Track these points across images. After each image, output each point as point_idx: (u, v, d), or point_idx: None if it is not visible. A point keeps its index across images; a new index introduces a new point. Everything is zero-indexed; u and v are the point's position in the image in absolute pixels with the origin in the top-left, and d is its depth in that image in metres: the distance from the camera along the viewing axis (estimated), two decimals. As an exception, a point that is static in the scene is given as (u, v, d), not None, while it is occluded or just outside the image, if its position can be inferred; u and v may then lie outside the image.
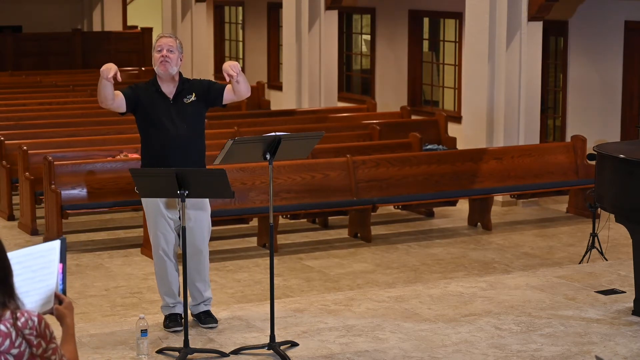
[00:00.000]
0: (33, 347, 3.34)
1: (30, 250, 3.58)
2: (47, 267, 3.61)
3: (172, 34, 7.39)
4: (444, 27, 16.92)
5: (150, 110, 7.07)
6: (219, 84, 7.24)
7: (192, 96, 7.13)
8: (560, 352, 6.68)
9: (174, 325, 7.14)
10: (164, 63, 7.06)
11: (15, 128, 13.45)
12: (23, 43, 22.86)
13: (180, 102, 7.11)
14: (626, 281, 8.26)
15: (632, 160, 7.17)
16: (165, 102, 7.10)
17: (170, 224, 7.14)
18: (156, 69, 7.12)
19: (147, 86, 7.18)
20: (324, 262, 9.92)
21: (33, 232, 10.98)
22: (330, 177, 10.80)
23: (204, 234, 7.19)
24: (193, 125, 7.13)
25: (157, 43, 7.15)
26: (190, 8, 19.95)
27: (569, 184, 11.89)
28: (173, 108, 7.09)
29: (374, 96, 17.80)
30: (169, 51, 7.07)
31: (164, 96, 7.11)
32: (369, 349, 6.76)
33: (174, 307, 7.22)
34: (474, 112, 12.68)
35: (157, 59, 7.08)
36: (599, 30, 14.03)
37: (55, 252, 3.63)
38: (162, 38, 7.18)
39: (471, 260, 10.00)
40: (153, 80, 7.19)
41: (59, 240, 3.66)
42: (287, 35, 16.04)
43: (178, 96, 7.11)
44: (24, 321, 3.34)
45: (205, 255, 7.23)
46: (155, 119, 7.06)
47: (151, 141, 7.13)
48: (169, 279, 7.20)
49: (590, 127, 14.04)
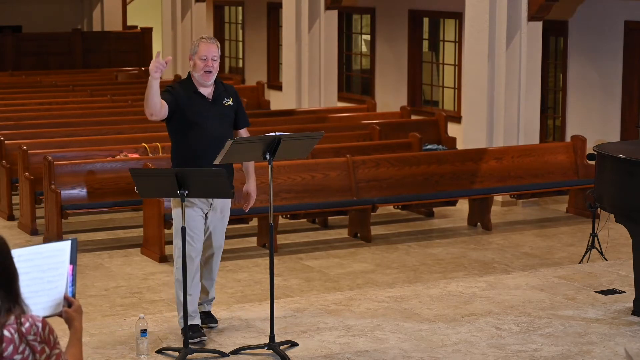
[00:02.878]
0: (36, 353, 3.33)
1: (40, 249, 3.55)
2: (57, 269, 3.58)
3: (213, 39, 7.07)
4: (443, 27, 16.92)
5: (189, 112, 6.91)
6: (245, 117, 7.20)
7: (229, 100, 7.07)
8: (560, 352, 6.68)
9: (199, 335, 6.84)
10: (209, 74, 6.93)
11: (15, 128, 13.45)
12: (23, 43, 22.85)
13: (219, 104, 7.02)
14: (626, 281, 8.26)
15: (632, 160, 7.17)
16: (204, 104, 6.97)
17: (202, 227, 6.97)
18: (197, 75, 6.94)
19: (183, 87, 6.97)
20: (324, 262, 9.92)
21: (33, 232, 10.98)
22: (330, 177, 10.80)
23: (224, 233, 7.18)
24: (228, 126, 7.07)
25: (200, 50, 6.92)
26: (190, 8, 19.95)
27: (569, 184, 11.89)
28: (212, 109, 6.98)
29: (374, 96, 17.80)
30: (213, 60, 6.93)
31: (203, 97, 6.98)
32: (368, 349, 6.76)
33: (194, 318, 6.92)
34: (474, 112, 12.67)
35: (201, 67, 6.90)
36: (599, 30, 14.02)
37: (65, 253, 3.60)
38: (206, 44, 6.95)
39: (471, 260, 10.00)
40: (188, 82, 7.02)
41: (69, 241, 3.63)
42: (287, 35, 16.04)
43: (218, 98, 7.02)
44: (28, 326, 3.32)
45: (220, 254, 7.22)
46: (194, 121, 6.90)
47: (188, 142, 6.95)
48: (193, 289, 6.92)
49: (590, 127, 14.04)
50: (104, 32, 24.23)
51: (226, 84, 7.21)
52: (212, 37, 7.10)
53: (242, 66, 21.95)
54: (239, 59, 22.23)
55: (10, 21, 24.40)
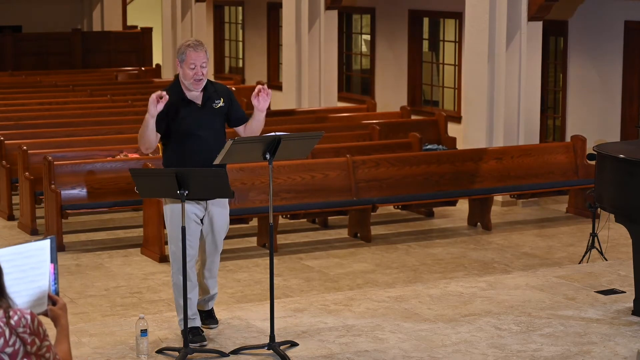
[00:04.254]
0: (27, 345, 3.34)
1: (19, 249, 3.53)
2: (38, 268, 3.57)
3: (201, 44, 6.89)
4: (443, 27, 16.93)
5: (178, 121, 6.83)
6: (241, 111, 7.07)
7: (220, 101, 6.95)
8: (560, 352, 6.68)
9: (200, 339, 6.81)
10: (199, 82, 6.83)
11: (15, 128, 13.45)
12: (23, 43, 22.85)
13: (209, 107, 6.91)
14: (626, 281, 8.26)
15: (632, 160, 7.17)
16: (193, 109, 6.88)
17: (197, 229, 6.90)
18: (187, 83, 6.84)
19: (172, 94, 6.83)
20: (324, 262, 9.92)
21: (33, 232, 10.98)
22: (330, 177, 10.80)
23: (224, 230, 7.08)
24: (219, 129, 6.97)
25: (188, 57, 6.78)
26: (190, 8, 19.95)
27: (569, 184, 11.89)
28: (202, 113, 6.89)
29: (374, 96, 17.79)
30: (202, 67, 6.82)
31: (191, 103, 6.89)
32: (368, 349, 6.76)
33: (194, 320, 6.91)
34: (474, 112, 12.67)
35: (191, 76, 6.80)
36: (599, 30, 14.02)
37: (45, 251, 3.59)
38: (194, 52, 6.80)
39: (471, 260, 10.00)
40: (176, 87, 6.93)
41: (48, 239, 3.62)
42: (287, 35, 16.04)
43: (207, 102, 6.91)
44: (17, 319, 3.33)
45: (219, 253, 7.19)
46: (182, 126, 6.83)
47: (177, 146, 6.89)
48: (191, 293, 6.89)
49: (590, 127, 14.04)
50: (104, 32, 24.23)
51: (217, 84, 7.09)
52: (199, 42, 6.90)
53: (242, 66, 21.95)
54: (239, 59, 22.23)
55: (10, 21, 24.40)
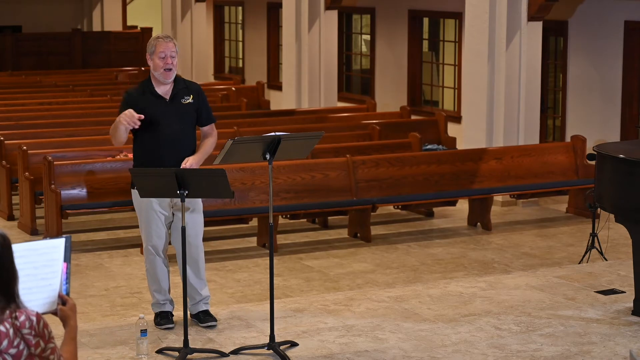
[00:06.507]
0: (31, 346, 3.33)
1: (33, 246, 3.53)
2: (51, 266, 3.57)
3: (170, 37, 7.21)
4: (443, 27, 16.93)
5: (145, 114, 7.00)
6: (209, 114, 7.27)
7: (189, 98, 7.16)
8: (560, 352, 6.68)
9: (166, 322, 7.18)
10: (169, 72, 7.04)
11: (15, 128, 13.45)
12: (23, 43, 22.86)
13: (177, 102, 7.12)
14: (626, 281, 8.26)
15: (632, 160, 7.17)
16: (161, 103, 7.09)
17: (161, 219, 7.15)
18: (157, 74, 7.07)
19: (139, 91, 7.14)
20: (324, 262, 9.92)
21: (33, 232, 10.98)
22: (330, 177, 10.80)
23: (197, 230, 7.22)
24: (188, 125, 7.17)
25: (157, 48, 7.04)
26: (190, 8, 19.95)
27: (568, 184, 11.89)
28: (169, 108, 7.09)
29: (374, 96, 17.80)
30: (172, 57, 7.05)
31: (160, 97, 7.10)
32: (368, 349, 6.76)
33: (164, 305, 7.26)
34: (474, 112, 12.67)
35: (160, 66, 7.02)
36: (599, 30, 14.03)
37: (59, 250, 3.59)
38: (162, 43, 7.07)
39: (471, 260, 10.00)
40: (147, 83, 7.17)
41: (63, 238, 3.62)
42: (286, 35, 16.04)
43: (175, 97, 7.12)
44: (22, 320, 3.33)
45: (200, 251, 7.25)
46: (151, 121, 7.01)
47: (146, 141, 7.10)
48: (159, 275, 7.26)
49: (590, 127, 14.04)
50: (104, 32, 24.24)
51: (189, 82, 7.30)
52: (168, 36, 7.20)
53: (242, 66, 21.95)
54: (239, 59, 22.23)
55: (10, 21, 24.41)
